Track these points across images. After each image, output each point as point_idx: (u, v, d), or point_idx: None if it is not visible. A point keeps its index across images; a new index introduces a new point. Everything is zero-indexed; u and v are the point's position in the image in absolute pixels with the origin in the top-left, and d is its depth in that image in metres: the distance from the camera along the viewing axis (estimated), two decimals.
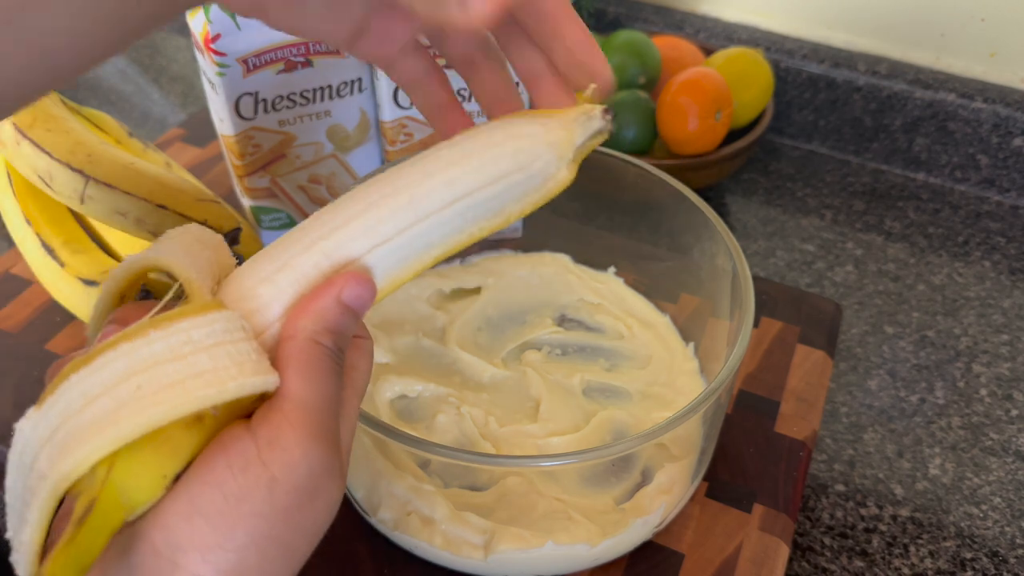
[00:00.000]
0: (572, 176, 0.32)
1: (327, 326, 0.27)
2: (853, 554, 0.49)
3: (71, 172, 0.52)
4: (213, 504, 0.24)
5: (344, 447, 0.28)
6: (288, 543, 0.25)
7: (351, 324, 0.28)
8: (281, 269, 0.29)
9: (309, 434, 0.25)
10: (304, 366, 0.26)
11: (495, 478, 0.44)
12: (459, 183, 0.30)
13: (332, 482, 0.26)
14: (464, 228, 0.31)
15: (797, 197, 0.74)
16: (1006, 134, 0.71)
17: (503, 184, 0.31)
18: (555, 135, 0.31)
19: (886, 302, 0.64)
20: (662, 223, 0.54)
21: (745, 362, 0.55)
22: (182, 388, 0.24)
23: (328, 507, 0.26)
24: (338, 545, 0.45)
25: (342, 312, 0.27)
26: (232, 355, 0.25)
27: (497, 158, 0.31)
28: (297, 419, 0.25)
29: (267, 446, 0.25)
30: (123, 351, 0.24)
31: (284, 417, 0.25)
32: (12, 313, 0.58)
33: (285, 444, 0.25)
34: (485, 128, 0.32)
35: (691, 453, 0.45)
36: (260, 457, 0.24)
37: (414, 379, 0.50)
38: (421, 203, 0.30)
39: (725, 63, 0.71)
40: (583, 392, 0.51)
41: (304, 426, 0.25)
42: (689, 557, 0.45)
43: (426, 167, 0.31)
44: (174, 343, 0.25)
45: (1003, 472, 0.53)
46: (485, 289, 0.57)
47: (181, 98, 0.86)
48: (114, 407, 0.23)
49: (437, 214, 0.30)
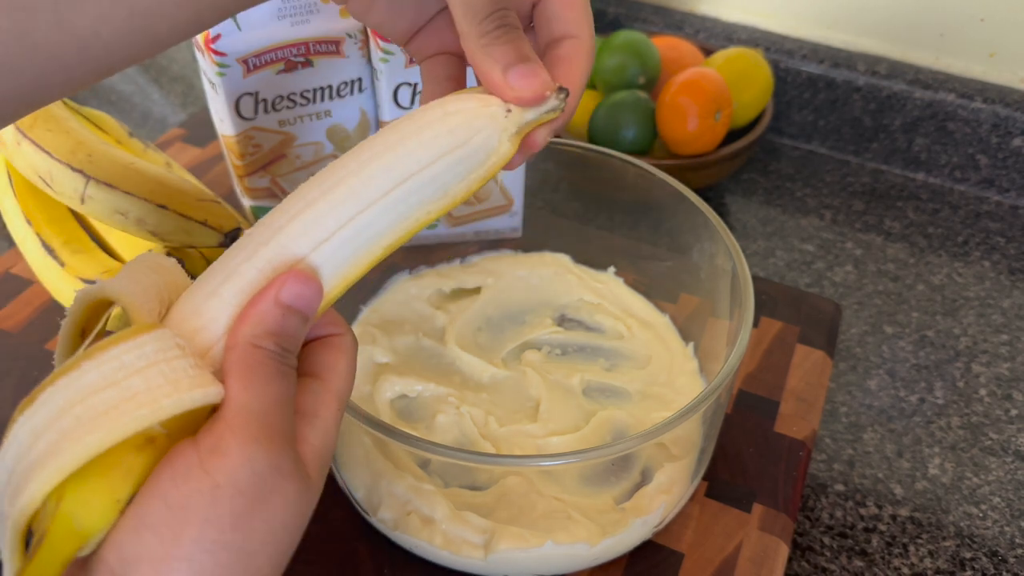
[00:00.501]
0: (513, 150, 0.31)
1: (267, 329, 0.27)
2: (853, 554, 0.49)
3: (71, 172, 0.52)
4: (158, 515, 0.24)
5: (314, 447, 0.28)
6: (242, 548, 0.25)
7: (295, 324, 0.28)
8: (226, 280, 0.28)
9: (250, 437, 0.25)
10: (243, 371, 0.26)
11: (495, 478, 0.45)
12: (396, 168, 0.29)
13: (286, 482, 0.25)
14: (410, 214, 0.30)
15: (797, 197, 0.74)
16: (1005, 134, 0.71)
17: (443, 164, 0.30)
18: (494, 108, 0.31)
19: (886, 302, 0.64)
20: (662, 223, 0.54)
21: (745, 362, 0.55)
22: (117, 413, 0.24)
23: (286, 507, 0.26)
24: (338, 545, 0.45)
25: (282, 313, 0.27)
26: (165, 373, 0.25)
27: (434, 138, 0.30)
28: (238, 424, 0.25)
29: (209, 454, 0.25)
30: (61, 385, 0.25)
31: (226, 424, 0.25)
32: (12, 313, 0.58)
33: (225, 449, 0.25)
34: (422, 109, 0.31)
35: (691, 453, 0.45)
36: (202, 465, 0.24)
37: (414, 379, 0.50)
38: (360, 194, 0.29)
39: (725, 63, 0.71)
40: (583, 392, 0.51)
41: (245, 429, 0.25)
42: (689, 557, 0.45)
43: (363, 156, 0.30)
44: (106, 370, 0.25)
45: (1002, 472, 0.53)
46: (485, 289, 0.57)
47: (181, 98, 0.86)
48: (56, 440, 0.24)
49: (379, 202, 0.29)
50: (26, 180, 0.56)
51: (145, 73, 0.90)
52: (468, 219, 0.59)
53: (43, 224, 0.56)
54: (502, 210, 0.60)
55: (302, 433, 0.28)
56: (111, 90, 0.87)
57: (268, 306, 0.27)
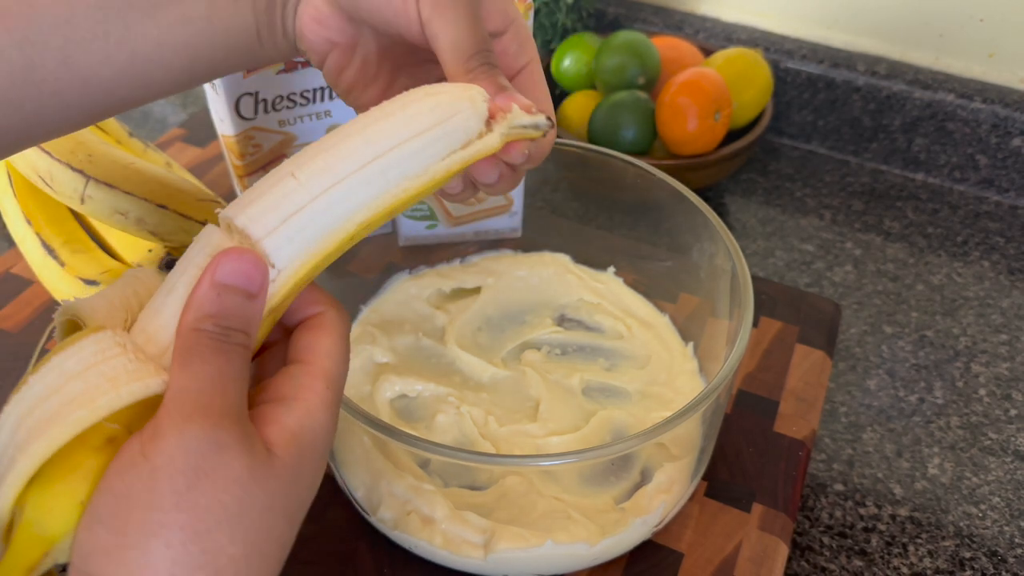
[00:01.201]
0: (499, 144, 0.31)
1: (204, 312, 0.26)
2: (852, 553, 0.49)
3: (71, 172, 0.52)
4: (106, 507, 0.24)
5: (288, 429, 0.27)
6: (192, 527, 0.24)
7: (235, 302, 0.27)
8: (182, 275, 0.28)
9: (183, 415, 0.25)
10: (181, 355, 0.26)
11: (495, 477, 0.45)
12: (376, 141, 0.29)
13: (229, 457, 0.25)
14: (387, 189, 0.29)
15: (796, 197, 0.74)
16: (1005, 134, 0.72)
17: (423, 139, 0.30)
18: (474, 92, 0.31)
19: (885, 302, 0.64)
20: (661, 223, 0.54)
21: (744, 362, 0.55)
22: (58, 418, 0.25)
23: (235, 483, 0.25)
24: (338, 544, 0.45)
25: (217, 293, 0.27)
26: (104, 373, 0.25)
27: (415, 114, 0.30)
28: (173, 406, 0.25)
29: (148, 440, 0.25)
30: (14, 401, 0.25)
31: (163, 408, 0.25)
32: (12, 313, 0.58)
33: (162, 432, 0.25)
34: (403, 93, 0.31)
35: (690, 452, 0.45)
36: (142, 452, 0.24)
37: (414, 379, 0.50)
38: (334, 167, 0.28)
39: (724, 63, 0.71)
40: (583, 392, 0.51)
41: (178, 409, 0.25)
42: (688, 556, 0.45)
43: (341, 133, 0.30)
44: (49, 380, 0.25)
45: (1002, 472, 0.53)
46: (485, 289, 0.57)
47: (181, 98, 0.86)
48: (12, 454, 0.25)
49: (354, 175, 0.29)
50: (26, 180, 0.56)
51: None
52: (468, 219, 0.60)
53: (43, 224, 0.56)
54: (502, 210, 0.60)
55: (273, 415, 0.27)
56: None
57: (204, 289, 0.27)
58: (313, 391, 0.28)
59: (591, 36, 0.76)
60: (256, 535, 0.26)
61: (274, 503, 0.26)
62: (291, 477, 0.27)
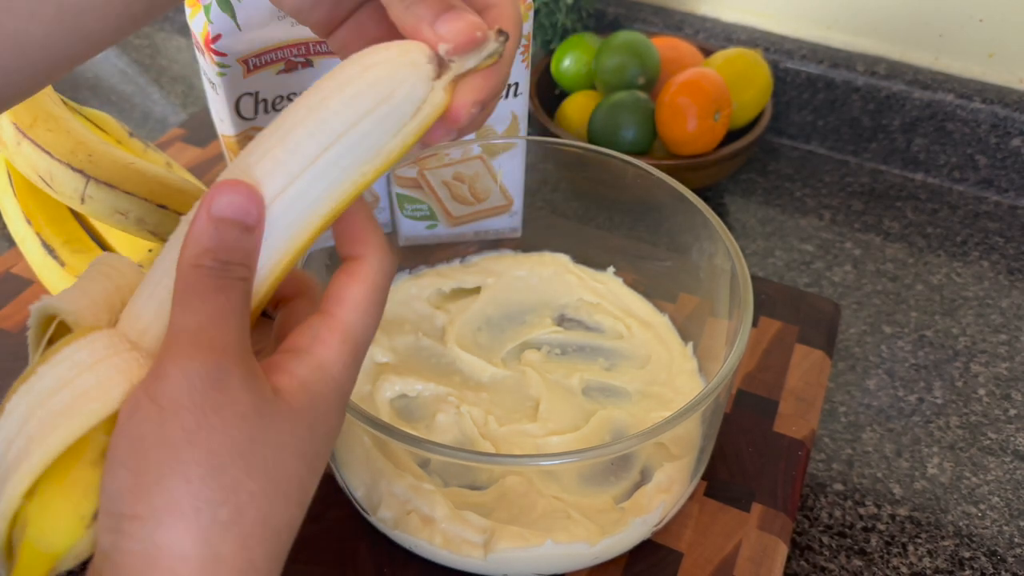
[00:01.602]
0: (447, 98, 0.29)
1: (202, 247, 0.26)
2: (851, 553, 0.49)
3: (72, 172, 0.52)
4: (123, 450, 0.24)
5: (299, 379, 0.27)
6: (210, 463, 0.24)
7: (233, 235, 0.26)
8: (162, 279, 0.27)
9: (183, 353, 0.24)
10: (181, 294, 0.26)
11: (495, 477, 0.45)
12: (321, 133, 0.27)
13: (235, 393, 0.24)
14: (344, 178, 0.28)
15: (796, 197, 0.74)
16: (1004, 134, 0.72)
17: (369, 122, 0.28)
18: (414, 55, 0.29)
19: (884, 302, 0.64)
20: (661, 223, 0.54)
21: (744, 362, 0.55)
22: (72, 411, 0.24)
23: (244, 420, 0.24)
24: (338, 544, 0.45)
25: (216, 227, 0.26)
26: (118, 366, 0.25)
27: (355, 95, 0.28)
28: (172, 344, 0.25)
29: (151, 382, 0.24)
30: (22, 392, 0.25)
31: (163, 348, 0.25)
32: (12, 313, 0.58)
33: (164, 372, 0.24)
34: (341, 65, 0.29)
35: (690, 452, 0.45)
36: (147, 394, 0.24)
37: (414, 378, 0.50)
38: (287, 165, 0.27)
39: (724, 64, 0.71)
40: (582, 391, 0.51)
41: (178, 347, 0.25)
42: (688, 556, 0.45)
43: (286, 123, 0.28)
44: (60, 371, 0.25)
45: (1001, 471, 0.53)
46: (485, 289, 0.57)
47: (181, 98, 0.86)
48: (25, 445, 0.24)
49: (308, 171, 0.27)
50: (26, 180, 0.57)
51: (145, 73, 0.90)
52: (468, 219, 0.60)
53: (43, 224, 0.56)
54: (502, 210, 0.60)
55: (285, 365, 0.27)
56: (111, 90, 0.87)
57: (201, 224, 0.26)
58: (327, 345, 0.27)
59: (591, 36, 0.76)
60: (273, 471, 0.25)
61: (286, 442, 0.26)
62: (303, 422, 0.26)
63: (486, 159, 0.57)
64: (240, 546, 0.24)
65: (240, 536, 0.24)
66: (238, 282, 0.26)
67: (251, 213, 0.26)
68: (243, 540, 0.24)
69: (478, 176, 0.58)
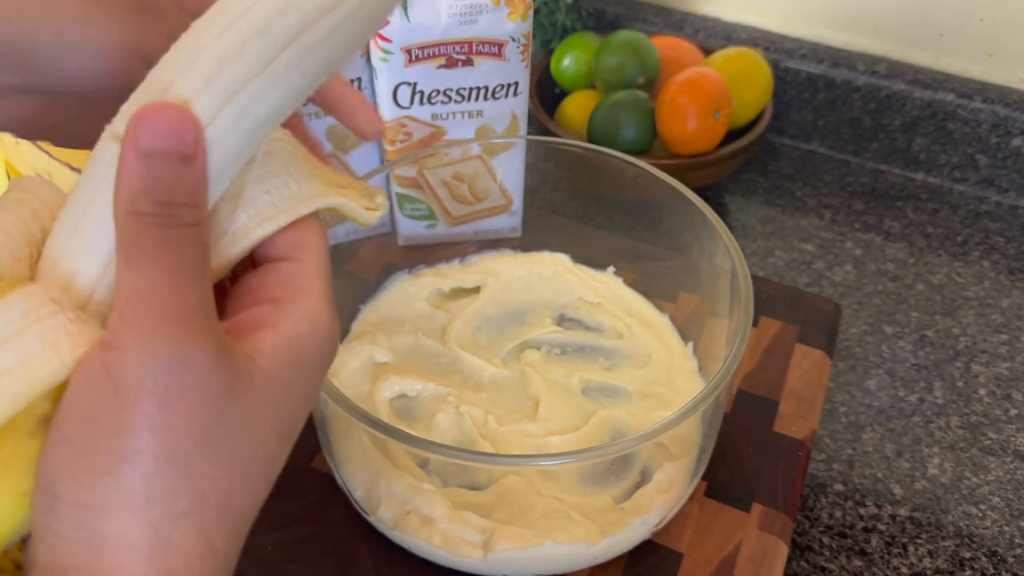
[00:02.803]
0: None
1: (137, 189, 0.22)
2: (852, 553, 0.49)
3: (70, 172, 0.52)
4: (71, 426, 0.22)
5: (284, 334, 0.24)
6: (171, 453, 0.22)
7: (171, 169, 0.22)
8: (89, 205, 0.23)
9: (146, 327, 0.22)
10: (125, 250, 0.22)
11: (494, 477, 0.44)
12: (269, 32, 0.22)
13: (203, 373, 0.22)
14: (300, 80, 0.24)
15: (796, 197, 0.74)
16: (1005, 134, 0.72)
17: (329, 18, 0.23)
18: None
19: (885, 302, 0.64)
20: (661, 223, 0.54)
21: (744, 361, 0.55)
22: (13, 378, 0.22)
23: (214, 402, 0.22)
24: (337, 544, 0.45)
25: (148, 164, 0.22)
26: (41, 336, 0.22)
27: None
28: (129, 312, 0.22)
29: (108, 352, 0.22)
30: None
31: (118, 315, 0.22)
32: None
33: (122, 345, 0.22)
34: None
35: (690, 452, 0.45)
36: (104, 367, 0.22)
37: (413, 378, 0.50)
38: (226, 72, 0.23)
39: (724, 63, 0.71)
40: (582, 391, 0.51)
41: (137, 318, 0.22)
42: (688, 556, 0.45)
43: (206, 27, 0.23)
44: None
45: (1002, 472, 0.53)
46: (484, 288, 0.57)
47: None
48: None
49: (256, 79, 0.23)
50: None
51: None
52: (467, 219, 0.59)
53: None
54: (501, 209, 0.60)
55: (266, 318, 0.24)
56: None
57: (129, 163, 0.22)
58: (312, 294, 0.25)
59: (591, 35, 0.75)
60: (242, 454, 0.23)
61: (258, 417, 0.24)
62: (280, 388, 0.24)
63: (486, 158, 0.57)
64: (198, 532, 0.22)
65: (198, 523, 0.22)
66: (188, 230, 0.22)
67: (186, 139, 0.22)
68: (201, 527, 0.22)
69: (478, 175, 0.58)
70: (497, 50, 0.53)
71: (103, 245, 0.23)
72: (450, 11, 0.51)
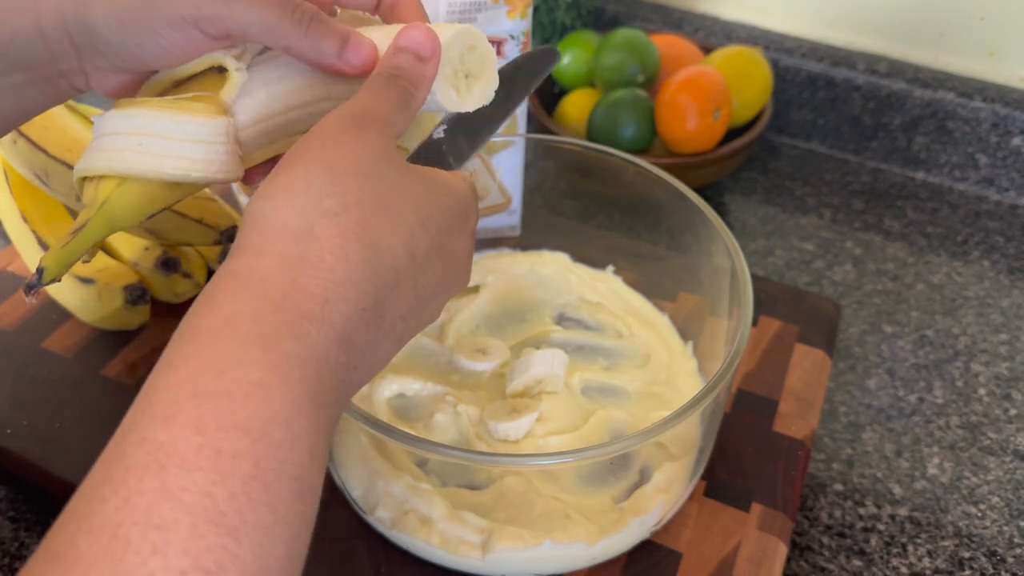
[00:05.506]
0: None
1: (387, 63, 0.34)
2: (851, 553, 0.49)
3: (67, 169, 0.51)
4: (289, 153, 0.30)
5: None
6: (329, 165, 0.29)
7: (407, 59, 0.33)
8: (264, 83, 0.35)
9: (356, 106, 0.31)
10: (368, 85, 0.33)
11: (493, 477, 0.44)
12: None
13: (368, 138, 0.30)
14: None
15: (796, 196, 0.74)
16: (1005, 133, 0.71)
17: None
18: None
19: (885, 301, 0.64)
20: (661, 222, 0.54)
21: (744, 361, 0.55)
22: (162, 161, 0.32)
23: (367, 149, 0.30)
24: (335, 543, 0.45)
25: (394, 52, 0.34)
26: (207, 152, 0.33)
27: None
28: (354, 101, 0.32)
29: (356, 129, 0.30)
30: (139, 114, 0.33)
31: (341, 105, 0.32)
32: (8, 311, 0.58)
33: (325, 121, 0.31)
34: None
35: (689, 452, 0.45)
36: (328, 119, 0.31)
37: (412, 378, 0.50)
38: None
39: (724, 62, 0.70)
40: (582, 391, 0.50)
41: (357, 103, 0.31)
42: (687, 556, 0.45)
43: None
44: (174, 128, 0.32)
45: (1001, 471, 0.53)
46: (484, 288, 0.57)
47: None
48: (120, 147, 0.33)
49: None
50: (22, 178, 0.56)
51: None
52: None
53: (39, 222, 0.56)
54: (501, 208, 0.60)
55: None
56: None
57: (389, 50, 0.34)
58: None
59: (590, 34, 0.75)
60: (385, 198, 0.29)
61: (403, 185, 0.30)
62: (420, 184, 0.31)
63: (484, 157, 0.57)
64: (336, 232, 0.28)
65: (337, 226, 0.28)
66: (401, 89, 0.33)
67: (425, 47, 0.34)
68: (340, 229, 0.28)
69: (476, 174, 0.58)
70: (496, 48, 0.53)
71: (259, 109, 0.34)
72: (449, 8, 0.51)
